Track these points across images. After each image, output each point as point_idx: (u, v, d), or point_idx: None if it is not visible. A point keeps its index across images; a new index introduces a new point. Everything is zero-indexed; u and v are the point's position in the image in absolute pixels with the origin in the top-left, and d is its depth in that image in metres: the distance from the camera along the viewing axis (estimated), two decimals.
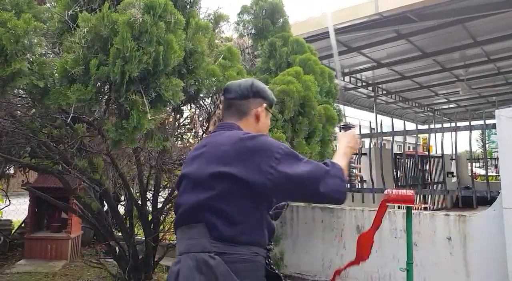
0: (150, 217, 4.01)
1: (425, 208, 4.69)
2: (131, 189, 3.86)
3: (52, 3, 2.67)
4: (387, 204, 1.76)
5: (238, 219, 1.29)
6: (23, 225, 6.39)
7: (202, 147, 1.42)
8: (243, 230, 1.29)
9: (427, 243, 3.92)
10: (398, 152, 9.10)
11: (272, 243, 1.44)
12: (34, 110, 3.18)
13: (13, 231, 6.43)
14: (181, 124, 3.60)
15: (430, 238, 3.90)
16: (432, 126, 4.49)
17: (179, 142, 3.79)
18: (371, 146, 5.20)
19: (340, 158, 1.44)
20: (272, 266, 1.41)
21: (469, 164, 11.87)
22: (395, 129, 4.87)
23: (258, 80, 1.57)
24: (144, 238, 4.02)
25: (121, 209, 4.68)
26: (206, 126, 3.36)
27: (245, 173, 1.26)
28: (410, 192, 1.87)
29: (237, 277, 1.22)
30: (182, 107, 3.12)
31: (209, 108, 3.33)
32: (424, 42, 7.84)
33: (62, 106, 2.39)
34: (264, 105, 1.52)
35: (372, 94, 12.17)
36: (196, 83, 2.66)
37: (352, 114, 16.85)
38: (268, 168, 1.26)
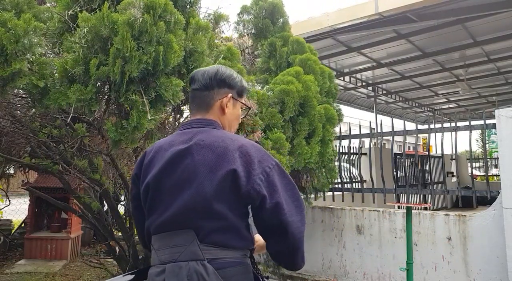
0: None
1: (425, 208, 4.69)
2: None
3: (52, 3, 2.67)
4: None
5: (234, 224, 1.23)
6: (23, 225, 6.39)
7: (185, 143, 1.28)
8: (237, 234, 1.24)
9: (427, 243, 3.92)
10: (398, 152, 9.09)
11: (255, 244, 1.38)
12: (34, 110, 3.18)
13: (13, 231, 6.43)
14: (181, 124, 3.60)
15: (430, 238, 3.91)
16: (432, 126, 4.49)
17: None
18: (371, 146, 5.20)
19: None
20: (256, 266, 1.36)
21: (469, 164, 11.87)
22: (395, 129, 4.87)
23: (225, 66, 1.44)
24: None
25: (121, 209, 4.68)
26: None
27: (241, 174, 1.20)
28: None
29: None
30: (182, 107, 3.12)
31: None
32: (424, 42, 7.83)
33: (62, 106, 2.39)
34: (230, 95, 1.39)
35: (372, 94, 12.17)
36: None
37: (352, 114, 16.88)
38: (258, 180, 1.20)
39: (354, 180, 5.92)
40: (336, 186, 5.32)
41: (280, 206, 1.20)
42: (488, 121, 4.09)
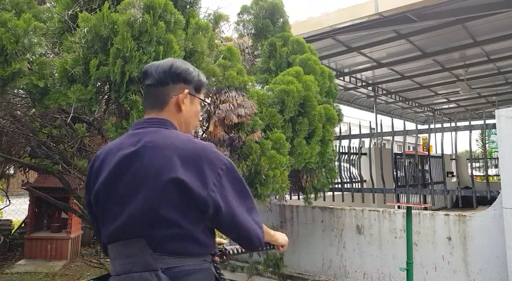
0: None
1: (425, 208, 4.69)
2: None
3: (52, 3, 2.67)
4: None
5: (188, 231, 1.15)
6: (23, 225, 6.39)
7: (132, 146, 1.20)
8: (194, 241, 1.17)
9: (427, 243, 3.92)
10: (398, 152, 9.09)
11: (219, 246, 1.33)
12: (34, 110, 3.19)
13: (13, 231, 6.43)
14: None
15: (430, 238, 3.91)
16: (432, 126, 4.49)
17: None
18: (371, 146, 5.20)
19: (270, 232, 1.47)
20: (219, 271, 1.29)
21: (469, 164, 11.87)
22: (395, 129, 4.88)
23: (181, 60, 1.34)
24: None
25: None
26: (206, 126, 3.36)
27: (192, 182, 1.13)
28: None
29: None
30: None
31: (209, 108, 3.33)
32: (424, 42, 7.84)
33: (62, 106, 2.40)
34: (187, 90, 1.29)
35: (372, 94, 12.17)
36: None
37: (352, 114, 16.88)
38: (212, 186, 1.15)
39: (354, 180, 5.92)
40: (336, 186, 5.32)
41: (233, 211, 1.18)
42: (488, 121, 4.09)
